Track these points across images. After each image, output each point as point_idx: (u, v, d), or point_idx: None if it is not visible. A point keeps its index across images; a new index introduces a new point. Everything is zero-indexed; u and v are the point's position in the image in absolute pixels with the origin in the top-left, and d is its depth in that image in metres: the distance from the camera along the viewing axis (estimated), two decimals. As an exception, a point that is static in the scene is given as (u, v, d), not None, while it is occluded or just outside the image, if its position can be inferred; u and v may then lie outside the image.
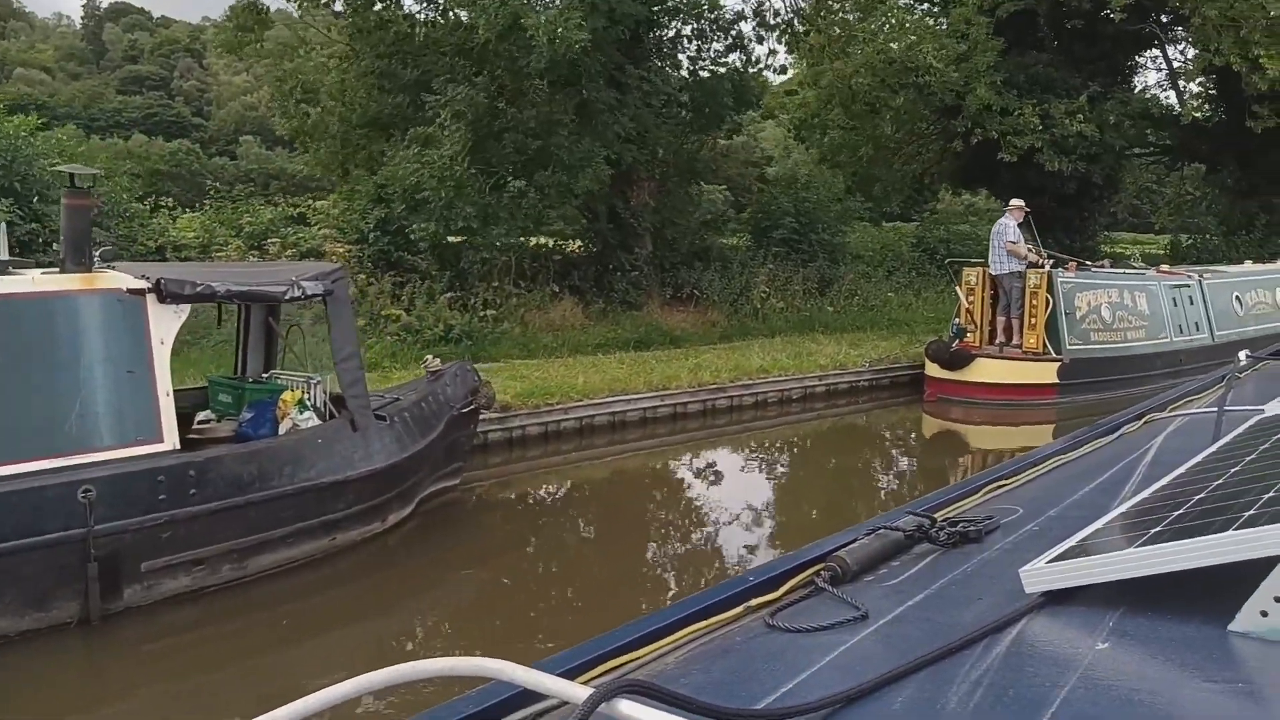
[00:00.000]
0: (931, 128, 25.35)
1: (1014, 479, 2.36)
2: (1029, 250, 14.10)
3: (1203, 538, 1.31)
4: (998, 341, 14.18)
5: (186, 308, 6.79)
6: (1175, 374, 14.66)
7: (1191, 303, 15.37)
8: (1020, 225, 14.21)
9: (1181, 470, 2.01)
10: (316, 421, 7.53)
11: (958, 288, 14.70)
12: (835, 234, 20.47)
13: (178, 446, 6.61)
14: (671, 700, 1.02)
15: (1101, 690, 1.14)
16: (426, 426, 8.25)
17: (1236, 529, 1.29)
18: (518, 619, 7.37)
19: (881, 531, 1.78)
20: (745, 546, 9.09)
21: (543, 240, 17.85)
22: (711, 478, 11.65)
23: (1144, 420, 3.07)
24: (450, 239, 15.25)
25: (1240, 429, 2.41)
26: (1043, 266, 13.91)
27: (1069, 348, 13.66)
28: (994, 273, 14.07)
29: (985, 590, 1.54)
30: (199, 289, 6.75)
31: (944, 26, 22.15)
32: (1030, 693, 1.14)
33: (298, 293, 7.26)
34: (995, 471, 2.42)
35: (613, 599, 7.75)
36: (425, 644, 7.18)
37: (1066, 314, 13.68)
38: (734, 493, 10.96)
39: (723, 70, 17.78)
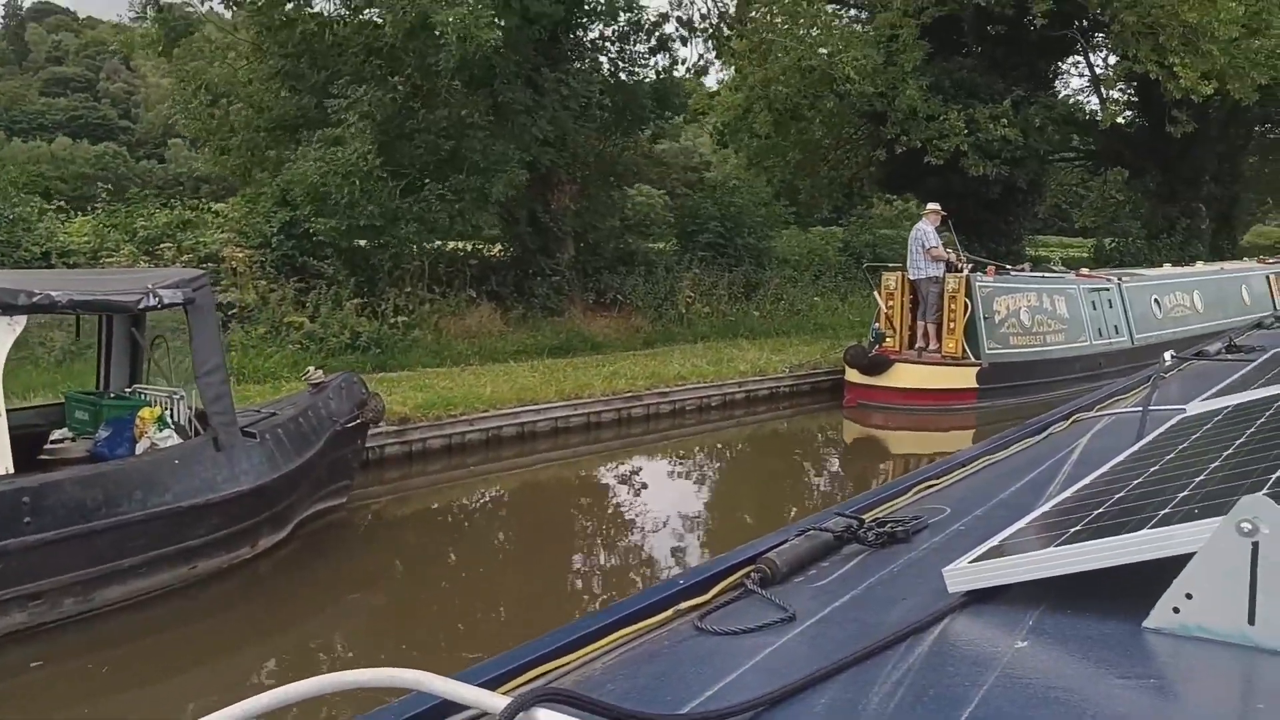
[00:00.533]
0: (859, 133, 25.30)
1: (943, 479, 2.37)
2: (948, 253, 13.92)
3: (1118, 537, 1.33)
4: (917, 346, 13.97)
5: (22, 319, 6.18)
6: (1095, 377, 14.57)
7: (1110, 306, 15.32)
8: (939, 228, 14.06)
9: (1104, 469, 2.03)
10: (177, 440, 6.95)
11: (876, 293, 14.48)
12: (761, 238, 20.22)
13: (11, 470, 6.00)
14: (590, 707, 1.01)
15: (1019, 689, 1.15)
16: (304, 443, 7.70)
17: (1150, 528, 1.32)
18: (418, 642, 6.86)
19: (811, 533, 1.78)
20: (661, 557, 8.70)
21: (460, 244, 17.30)
22: (627, 488, 11.24)
23: (1071, 420, 3.12)
24: (360, 242, 14.66)
25: (1162, 428, 2.45)
26: (962, 270, 13.73)
27: (988, 352, 13.49)
28: (912, 278, 13.87)
29: (910, 590, 1.55)
30: (35, 299, 6.15)
31: (870, 32, 22.13)
32: (950, 692, 1.15)
33: (153, 301, 6.69)
34: (924, 472, 2.42)
35: (527, 616, 7.28)
36: (306, 674, 6.65)
37: (985, 318, 13.51)
38: (650, 502, 10.58)
39: (644, 73, 17.38)
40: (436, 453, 10.64)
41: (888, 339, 14.01)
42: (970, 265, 14.08)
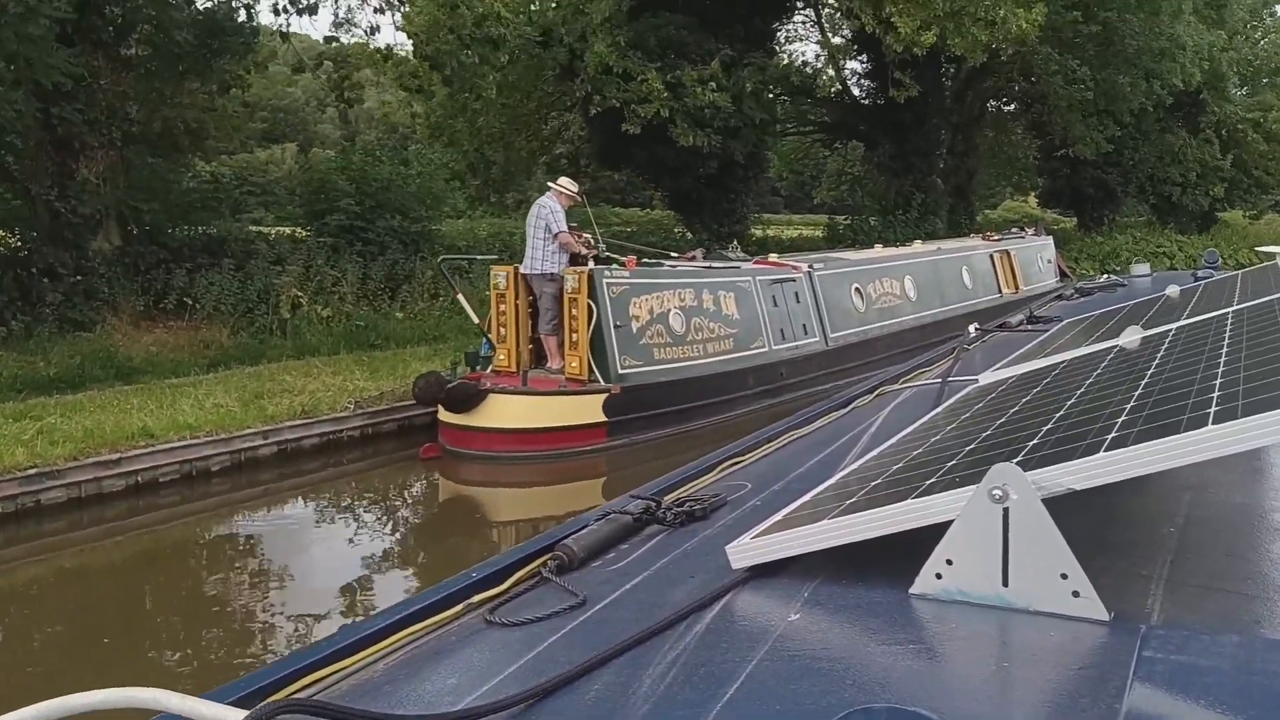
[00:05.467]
0: (565, 98, 21.08)
1: (747, 456, 2.28)
2: (580, 240, 9.77)
3: (886, 507, 1.31)
4: (547, 368, 9.76)
5: None
6: (775, 391, 10.82)
7: (798, 300, 11.55)
8: (571, 210, 9.91)
9: (892, 441, 2.04)
10: None
11: (460, 296, 10.18)
12: (415, 220, 15.56)
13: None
14: (336, 714, 0.94)
15: (785, 661, 1.13)
16: None
17: (915, 498, 1.31)
18: None
19: (611, 516, 1.69)
20: None
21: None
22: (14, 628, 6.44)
23: (876, 393, 3.08)
24: None
25: (952, 399, 2.48)
26: (588, 261, 9.60)
27: (621, 372, 9.36)
28: (524, 271, 9.64)
29: (700, 568, 1.47)
30: None
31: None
32: (720, 669, 1.11)
33: None
34: (730, 449, 2.30)
35: None
36: None
37: (617, 326, 9.36)
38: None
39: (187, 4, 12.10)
40: None
41: (499, 359, 9.73)
42: (602, 254, 9.98)
